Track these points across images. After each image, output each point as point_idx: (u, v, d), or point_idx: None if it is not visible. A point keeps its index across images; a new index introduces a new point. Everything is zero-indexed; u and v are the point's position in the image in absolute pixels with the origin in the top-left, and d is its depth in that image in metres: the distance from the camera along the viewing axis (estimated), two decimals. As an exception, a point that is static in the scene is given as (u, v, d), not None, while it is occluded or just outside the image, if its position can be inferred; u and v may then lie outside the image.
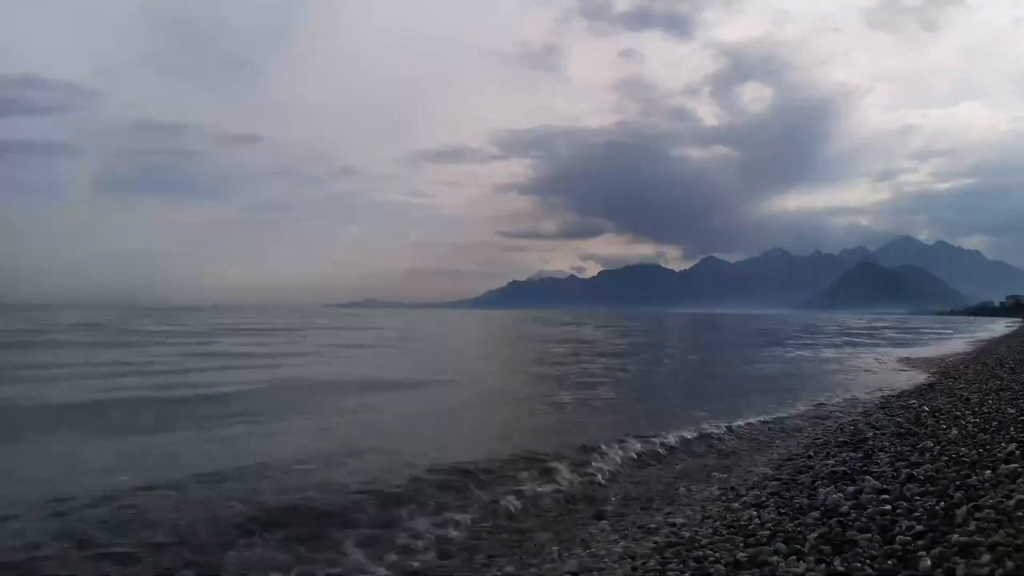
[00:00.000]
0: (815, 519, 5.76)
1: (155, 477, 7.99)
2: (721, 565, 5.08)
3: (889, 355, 32.02)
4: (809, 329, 72.02)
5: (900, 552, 4.59)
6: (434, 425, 12.70)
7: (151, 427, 11.52)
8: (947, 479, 6.19)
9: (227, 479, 7.97)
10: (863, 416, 12.39)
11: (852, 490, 6.39)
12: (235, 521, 6.55)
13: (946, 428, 9.23)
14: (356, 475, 8.28)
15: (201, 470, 8.27)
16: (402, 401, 15.98)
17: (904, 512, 5.42)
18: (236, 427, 11.66)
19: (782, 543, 5.25)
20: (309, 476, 8.24)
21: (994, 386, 13.44)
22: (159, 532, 6.27)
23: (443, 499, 7.58)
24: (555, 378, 21.08)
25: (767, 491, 7.33)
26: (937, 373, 20.33)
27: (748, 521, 6.16)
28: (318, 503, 7.16)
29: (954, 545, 4.43)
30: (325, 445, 10.32)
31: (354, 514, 6.93)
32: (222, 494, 7.36)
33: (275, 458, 9.02)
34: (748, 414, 13.35)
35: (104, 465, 8.77)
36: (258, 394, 16.05)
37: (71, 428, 11.52)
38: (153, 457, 9.47)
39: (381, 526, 6.72)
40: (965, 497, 5.43)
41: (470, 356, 34.66)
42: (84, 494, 7.13)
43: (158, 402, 14.42)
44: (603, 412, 14.25)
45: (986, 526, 4.63)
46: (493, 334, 57.19)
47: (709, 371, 26.13)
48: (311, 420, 12.91)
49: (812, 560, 4.77)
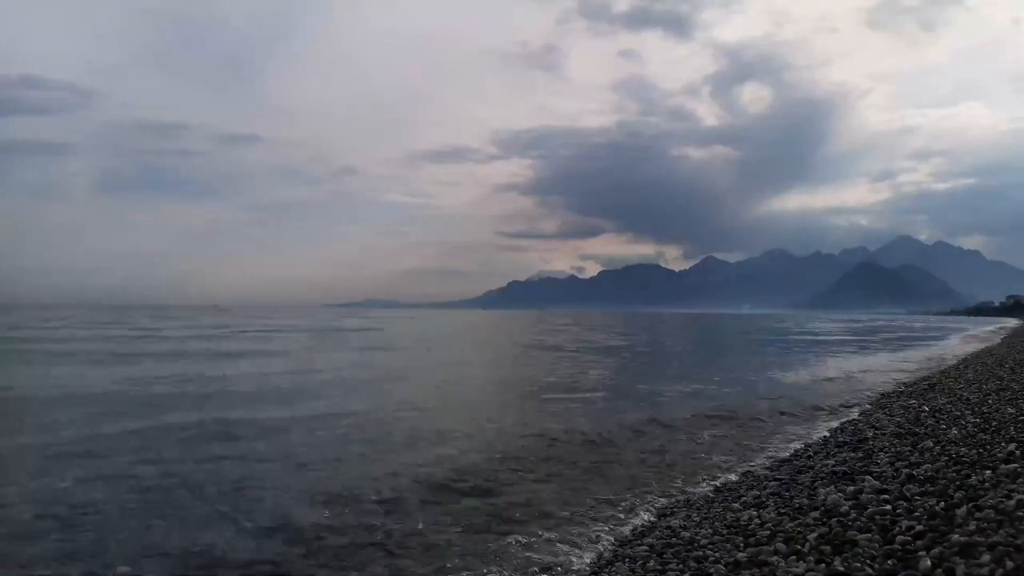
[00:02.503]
0: (815, 519, 5.76)
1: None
2: (721, 565, 5.08)
3: (889, 356, 31.95)
4: (807, 330, 71.90)
5: (900, 552, 4.59)
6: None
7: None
8: (947, 479, 6.19)
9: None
10: (863, 416, 12.39)
11: (852, 490, 6.40)
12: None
13: (946, 428, 9.23)
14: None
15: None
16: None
17: (904, 512, 5.42)
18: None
19: (782, 543, 5.25)
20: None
21: (994, 386, 13.43)
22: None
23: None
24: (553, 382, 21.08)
25: (767, 491, 7.33)
26: (937, 373, 20.32)
27: (748, 521, 6.17)
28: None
29: (954, 545, 4.43)
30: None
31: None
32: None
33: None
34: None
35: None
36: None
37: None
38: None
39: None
40: (965, 497, 5.43)
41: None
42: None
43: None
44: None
45: (986, 526, 4.63)
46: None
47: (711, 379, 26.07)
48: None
49: (812, 560, 4.77)
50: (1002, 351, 26.79)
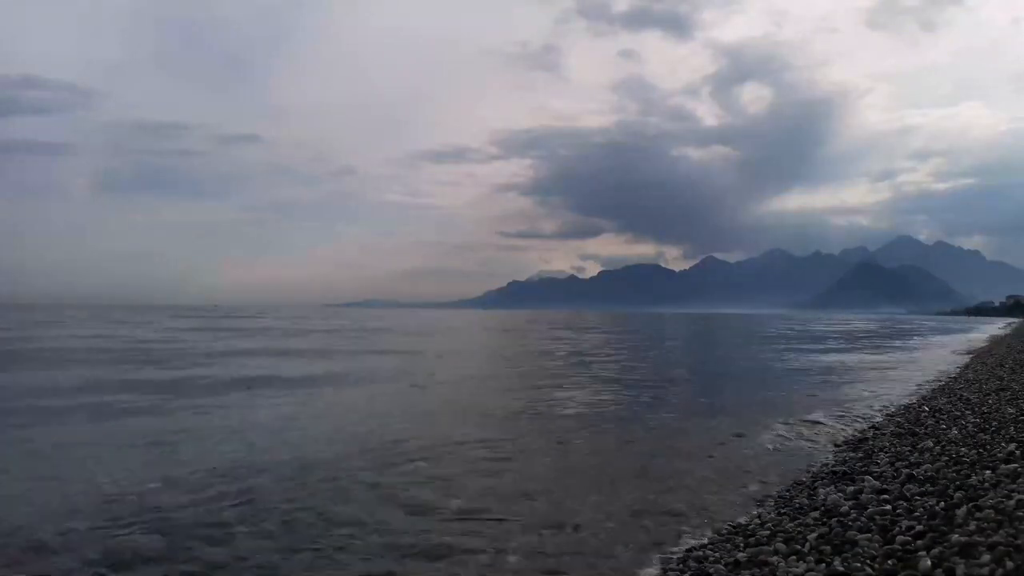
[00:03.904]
0: (815, 519, 5.76)
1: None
2: (721, 565, 5.08)
3: (892, 357, 31.98)
4: (806, 331, 71.90)
5: (900, 552, 4.59)
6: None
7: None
8: (947, 479, 6.19)
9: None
10: (863, 416, 12.39)
11: (852, 490, 6.40)
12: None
13: (946, 428, 9.24)
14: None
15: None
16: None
17: (904, 512, 5.43)
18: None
19: (782, 543, 5.25)
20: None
21: (994, 386, 13.45)
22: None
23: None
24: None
25: (767, 491, 7.33)
26: (937, 373, 20.33)
27: (748, 521, 6.17)
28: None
29: (954, 545, 4.43)
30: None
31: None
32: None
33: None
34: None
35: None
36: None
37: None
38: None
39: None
40: (965, 497, 5.44)
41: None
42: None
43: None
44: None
45: (986, 526, 4.63)
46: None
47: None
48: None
49: (812, 560, 4.77)
50: (1002, 351, 26.80)
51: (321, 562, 5.66)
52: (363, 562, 5.66)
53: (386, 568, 5.55)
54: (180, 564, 5.58)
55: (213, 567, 5.52)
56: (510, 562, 5.65)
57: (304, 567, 5.57)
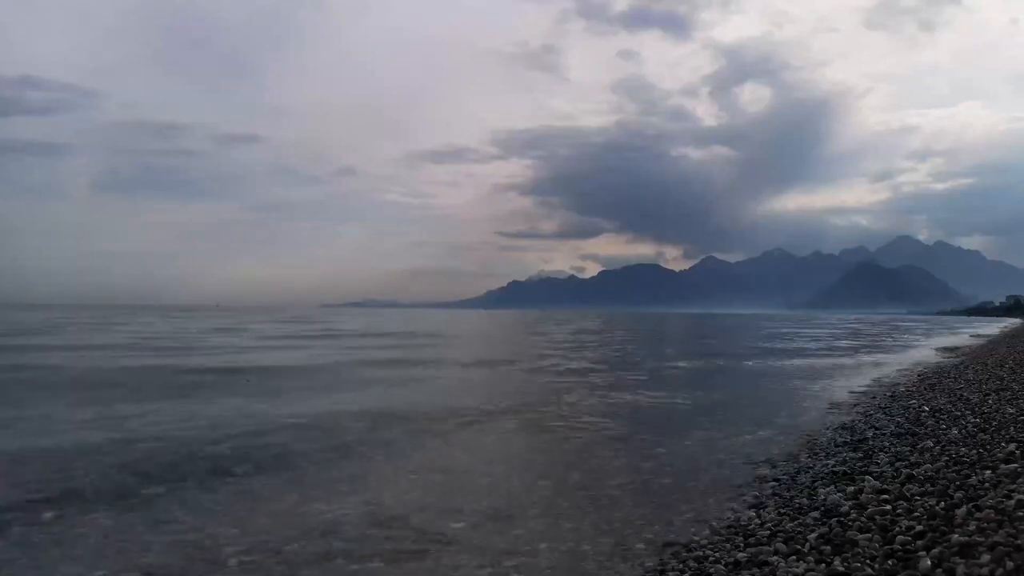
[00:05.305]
0: (815, 519, 5.76)
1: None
2: (721, 565, 5.08)
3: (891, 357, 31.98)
4: (806, 331, 71.88)
5: (900, 552, 4.59)
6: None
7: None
8: (947, 479, 6.19)
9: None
10: (863, 416, 12.38)
11: (852, 490, 6.40)
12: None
13: (946, 428, 9.23)
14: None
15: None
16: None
17: (904, 512, 5.42)
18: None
19: (782, 543, 5.25)
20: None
21: (994, 386, 13.44)
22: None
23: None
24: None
25: (767, 491, 7.33)
26: (938, 374, 20.31)
27: (748, 521, 6.16)
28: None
29: (954, 545, 4.43)
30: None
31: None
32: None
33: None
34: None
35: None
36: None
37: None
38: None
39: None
40: (965, 497, 5.44)
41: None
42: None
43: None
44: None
45: (986, 526, 4.63)
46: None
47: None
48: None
49: (812, 560, 4.77)
50: (1002, 351, 26.79)
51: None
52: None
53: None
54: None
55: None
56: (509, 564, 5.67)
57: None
